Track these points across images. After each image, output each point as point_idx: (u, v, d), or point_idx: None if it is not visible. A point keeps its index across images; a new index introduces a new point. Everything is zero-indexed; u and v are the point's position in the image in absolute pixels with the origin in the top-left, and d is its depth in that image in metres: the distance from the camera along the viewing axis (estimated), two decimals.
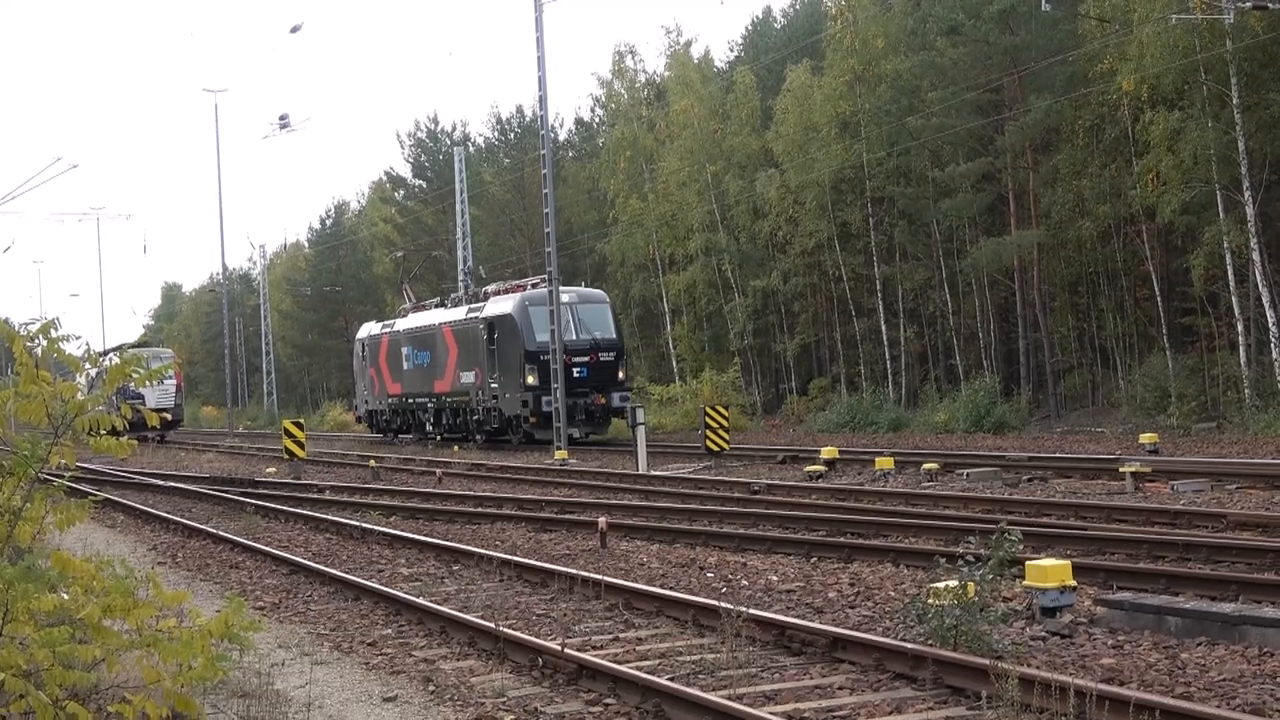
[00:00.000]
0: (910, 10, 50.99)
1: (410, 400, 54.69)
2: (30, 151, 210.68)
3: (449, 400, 50.71)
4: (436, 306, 55.37)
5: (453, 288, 62.97)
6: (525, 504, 25.07)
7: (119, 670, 5.98)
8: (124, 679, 6.04)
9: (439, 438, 51.55)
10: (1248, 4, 36.59)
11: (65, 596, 6.00)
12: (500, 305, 46.80)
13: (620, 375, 46.34)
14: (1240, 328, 39.40)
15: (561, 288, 45.94)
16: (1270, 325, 38.40)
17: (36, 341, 6.62)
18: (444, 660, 12.20)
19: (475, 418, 48.62)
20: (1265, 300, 38.48)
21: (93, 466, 35.73)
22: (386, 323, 59.94)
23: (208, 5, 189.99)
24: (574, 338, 44.61)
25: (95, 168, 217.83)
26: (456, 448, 48.87)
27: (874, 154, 50.81)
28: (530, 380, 43.96)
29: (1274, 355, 38.34)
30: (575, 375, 43.72)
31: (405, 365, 54.82)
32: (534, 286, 46.64)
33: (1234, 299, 39.50)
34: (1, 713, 5.68)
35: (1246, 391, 38.59)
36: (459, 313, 50.38)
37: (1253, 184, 38.31)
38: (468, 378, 48.39)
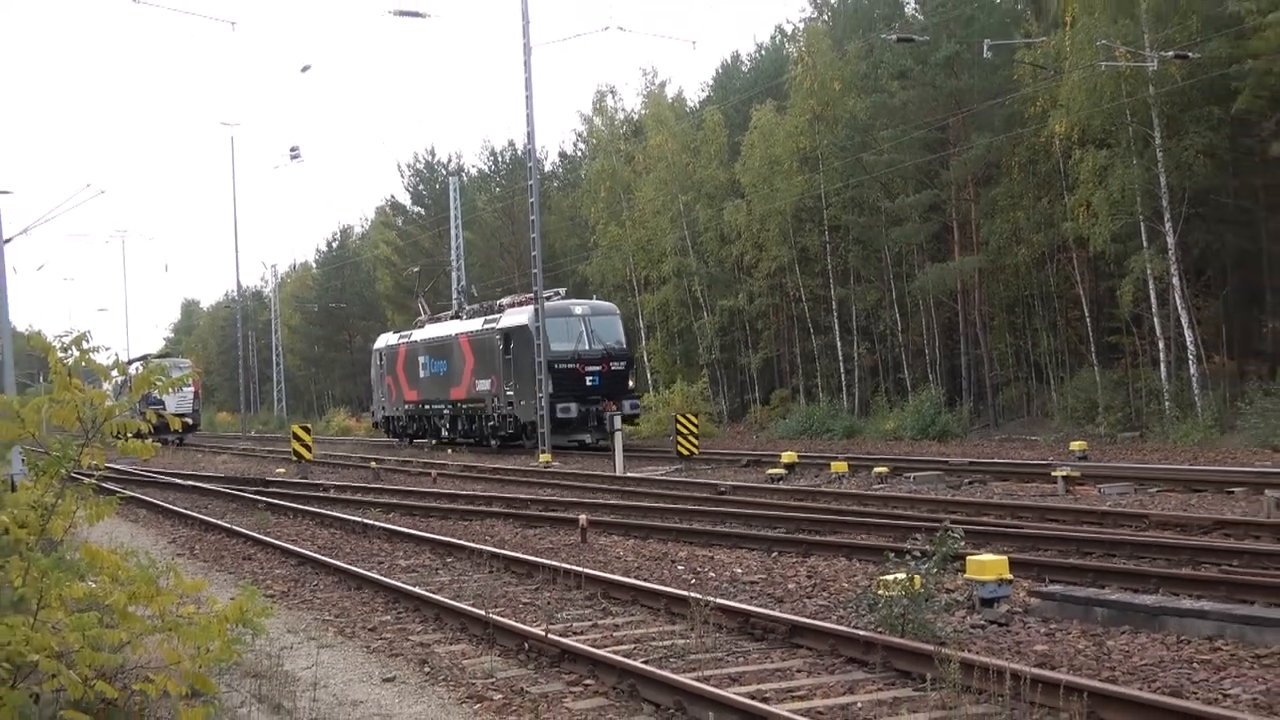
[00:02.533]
0: (864, 56, 51.13)
1: (426, 406, 53.33)
2: (63, 178, 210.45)
3: (464, 407, 49.46)
4: (452, 318, 54.08)
5: (447, 304, 62.72)
6: (512, 503, 25.04)
7: (143, 652, 5.97)
8: (147, 660, 6.03)
9: (455, 442, 50.37)
10: (1169, 54, 36.84)
11: (94, 585, 6.00)
12: (516, 317, 45.16)
13: (630, 383, 44.99)
14: (1161, 346, 39.55)
15: (574, 300, 45.94)
16: (1188, 344, 38.55)
17: (69, 352, 6.61)
18: (438, 644, 12.19)
19: (490, 423, 46.97)
20: (1184, 321, 38.65)
21: (119, 466, 35.59)
22: (403, 333, 58.51)
23: (225, 47, 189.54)
24: (587, 348, 43.32)
25: (122, 194, 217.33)
26: (450, 451, 48.62)
27: (831, 186, 50.91)
28: (546, 388, 42.38)
29: (1191, 371, 38.48)
30: (588, 384, 42.57)
31: (422, 373, 53.42)
32: (547, 300, 45.28)
33: (1156, 320, 39.65)
34: (36, 690, 5.66)
35: (1167, 404, 38.73)
36: (475, 324, 48.95)
37: (1173, 217, 38.49)
38: (483, 385, 47.12)
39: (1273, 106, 37.23)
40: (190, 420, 67.78)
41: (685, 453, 37.08)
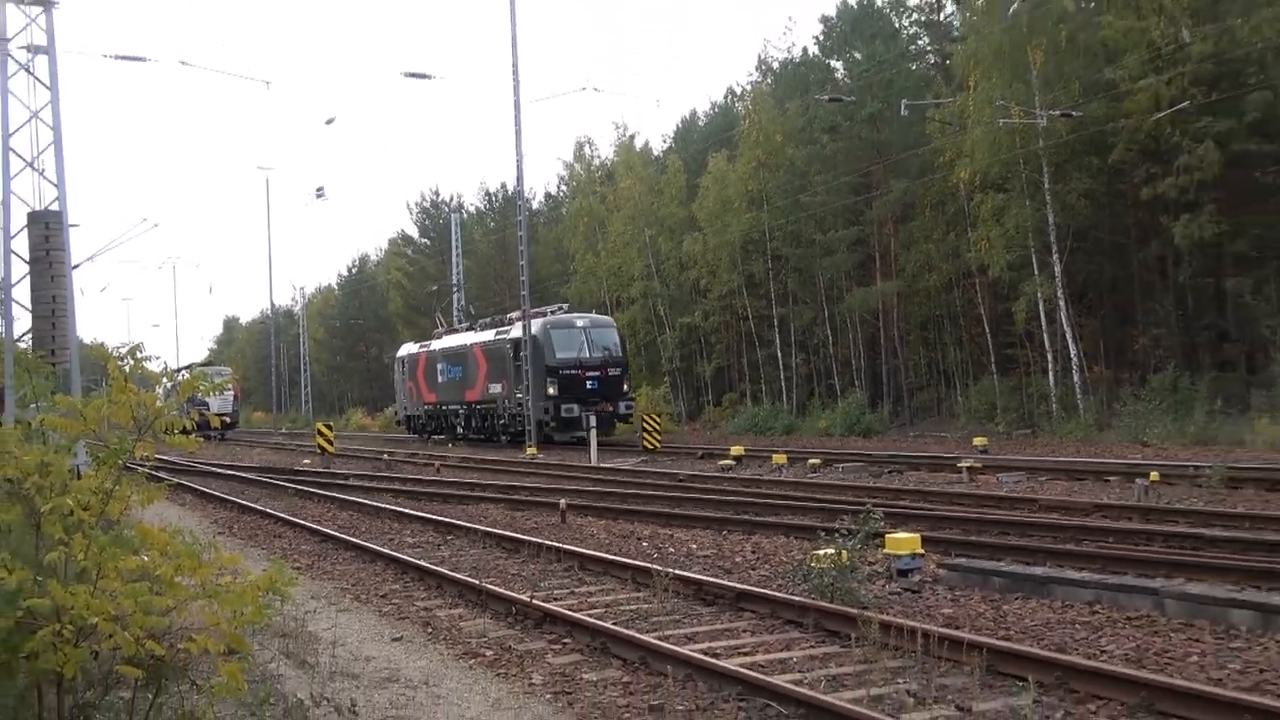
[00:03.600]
0: (801, 113, 51.22)
1: (444, 407, 52.16)
2: (123, 214, 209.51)
3: (478, 407, 48.15)
4: (467, 330, 52.93)
5: (450, 322, 62.53)
6: (503, 489, 25.02)
7: (187, 616, 5.94)
8: (190, 622, 6.00)
9: (468, 438, 49.61)
10: (1056, 113, 37.07)
11: (145, 558, 5.96)
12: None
13: (625, 387, 43.70)
14: (1050, 357, 39.73)
15: (577, 314, 45.19)
16: (1072, 356, 38.75)
17: (125, 361, 6.58)
18: (439, 609, 12.18)
19: (501, 422, 45.60)
20: (1068, 337, 38.85)
21: (168, 458, 35.33)
22: (423, 344, 57.25)
23: (261, 102, 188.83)
24: (588, 355, 42.37)
25: (173, 227, 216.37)
26: (451, 445, 48.59)
27: (774, 222, 50.95)
28: (551, 391, 41.56)
29: (1075, 379, 38.70)
30: (589, 387, 41.61)
31: (440, 378, 52.18)
32: (553, 313, 44.85)
33: (1045, 335, 39.84)
34: (96, 648, 5.62)
35: (1054, 406, 38.95)
36: (488, 335, 47.75)
37: (1059, 249, 38.69)
38: (495, 388, 45.91)
39: (1142, 157, 37.52)
40: (230, 419, 67.43)
41: (650, 447, 37.09)
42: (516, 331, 43.75)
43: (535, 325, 42.78)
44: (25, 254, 21.61)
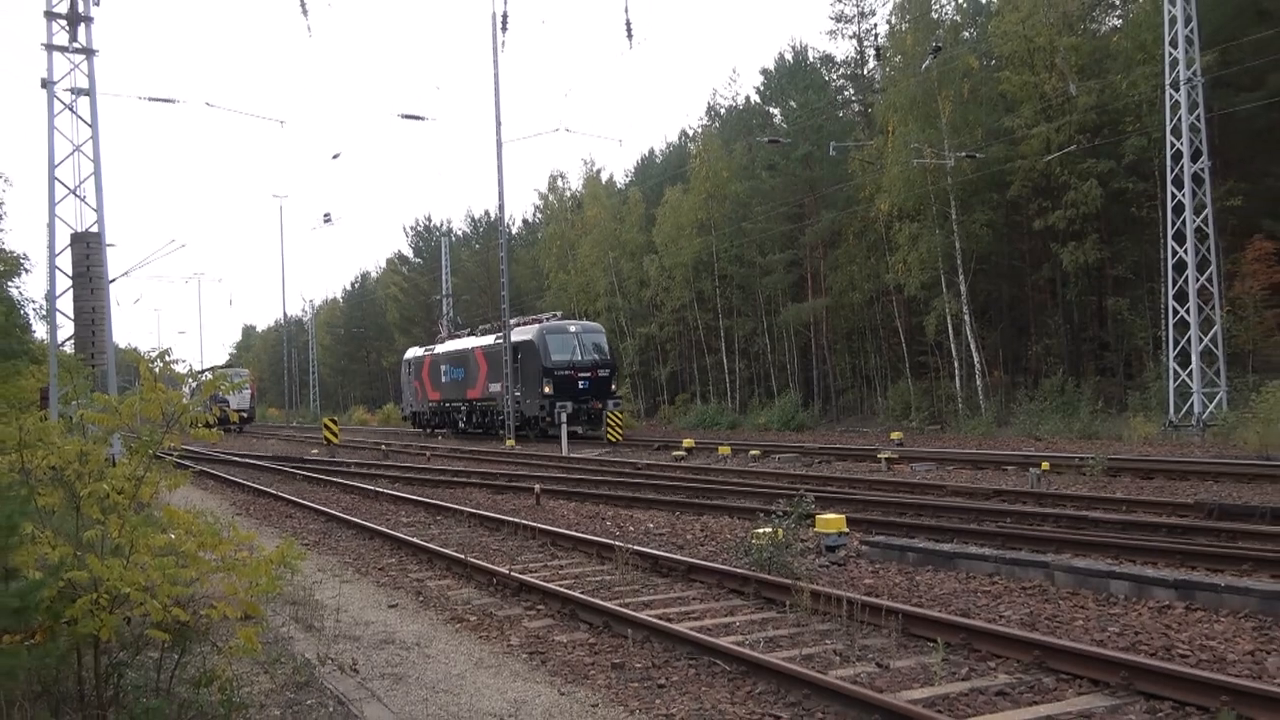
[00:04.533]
0: (744, 152, 51.38)
1: (447, 404, 50.53)
2: (154, 234, 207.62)
3: (479, 404, 46.42)
4: (468, 335, 51.06)
5: (436, 330, 62.19)
6: (486, 475, 24.89)
7: (208, 586, 5.90)
8: (211, 592, 5.95)
9: (468, 432, 48.09)
10: (962, 154, 37.38)
11: (172, 536, 5.92)
12: (523, 333, 42.13)
13: (613, 387, 41.70)
14: (956, 364, 39.99)
15: (571, 321, 44.04)
16: (975, 363, 39.00)
17: (155, 363, 6.53)
18: (430, 580, 12.12)
19: (500, 417, 43.31)
20: (972, 346, 39.12)
21: (192, 449, 35.08)
22: (428, 347, 55.60)
23: (276, 139, 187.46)
24: (580, 358, 40.50)
25: (198, 246, 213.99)
26: (440, 437, 48.17)
27: (720, 246, 51.01)
28: (547, 390, 39.88)
29: (977, 382, 38.95)
30: (580, 387, 39.82)
31: (443, 378, 50.53)
32: (547, 320, 43.51)
33: (952, 345, 40.08)
34: (128, 614, 5.56)
35: (959, 405, 39.20)
36: (488, 340, 45.72)
37: (964, 271, 38.95)
38: (495, 387, 44.02)
39: (1035, 193, 37.89)
40: (247, 414, 66.86)
41: (613, 439, 37.04)
42: (515, 337, 42.71)
43: (532, 330, 41.86)
44: (68, 270, 21.40)
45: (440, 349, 52.39)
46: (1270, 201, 35.94)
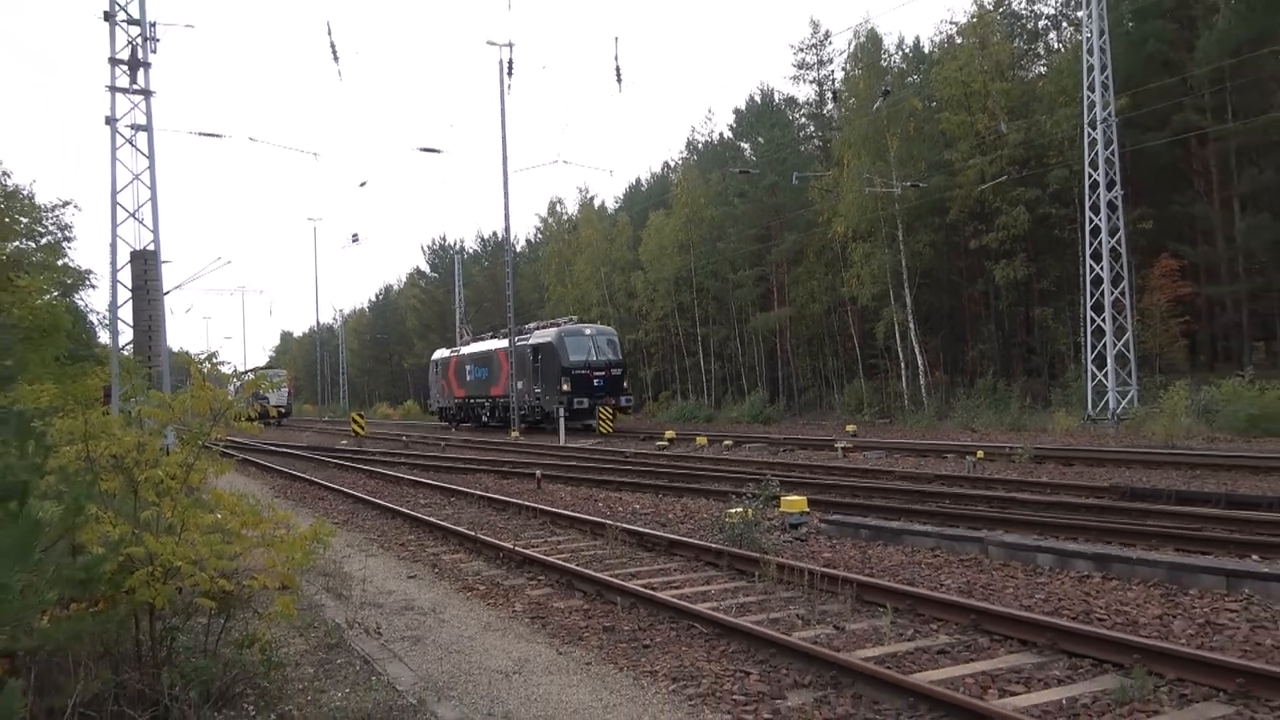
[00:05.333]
0: (719, 182, 51.38)
1: (471, 400, 48.95)
2: (203, 252, 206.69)
3: (501, 400, 44.54)
4: (491, 338, 48.98)
5: (453, 337, 62.02)
6: (493, 463, 24.82)
7: (250, 560, 5.87)
8: (253, 565, 5.92)
9: (490, 425, 46.49)
10: (907, 184, 37.49)
11: (218, 516, 5.90)
12: (543, 336, 40.70)
13: (625, 385, 40.26)
14: (903, 365, 40.09)
15: (586, 324, 42.82)
16: (919, 365, 39.13)
17: (204, 365, 6.51)
18: (444, 554, 12.08)
19: (522, 412, 41.50)
20: (916, 350, 39.22)
21: (236, 439, 34.85)
22: (454, 349, 54.05)
23: (311, 169, 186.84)
24: (595, 358, 39.03)
25: (243, 262, 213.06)
26: (454, 430, 47.88)
27: (698, 263, 51.06)
28: (565, 387, 38.38)
29: (921, 381, 39.07)
30: (595, 385, 38.41)
31: (468, 377, 48.47)
32: (565, 324, 42.02)
33: (899, 349, 40.18)
34: (180, 585, 5.53)
35: (906, 401, 39.30)
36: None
37: (910, 285, 39.07)
38: (518, 385, 41.93)
39: (971, 217, 38.00)
40: (285, 410, 66.61)
41: (604, 431, 36.97)
42: (535, 338, 41.30)
43: (551, 333, 40.40)
44: (128, 283, 21.30)
45: (465, 350, 51.37)
46: (1174, 225, 36.22)
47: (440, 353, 56.35)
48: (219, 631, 6.31)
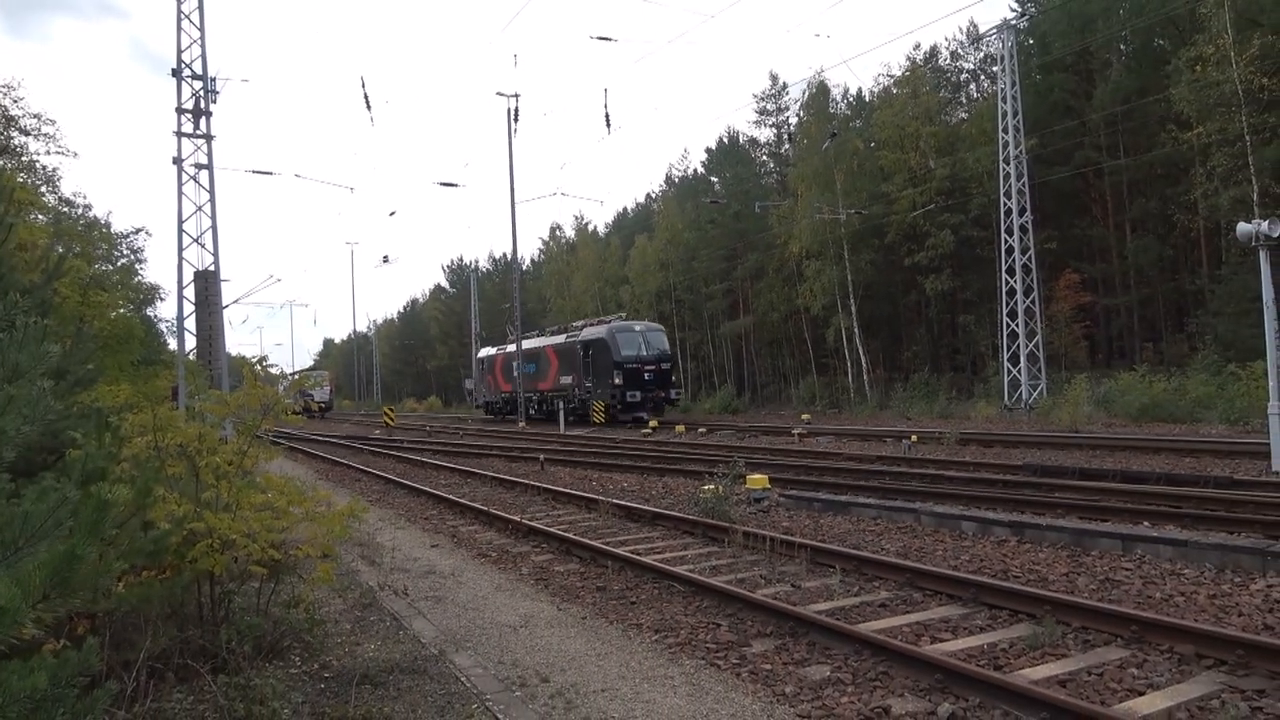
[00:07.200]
0: (693, 210, 51.46)
1: (517, 395, 42.52)
2: (257, 270, 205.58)
3: (549, 395, 39.93)
4: (538, 335, 44.42)
5: (470, 343, 61.73)
6: (503, 448, 24.71)
7: (295, 533, 5.83)
8: (298, 537, 5.88)
9: (534, 418, 41.47)
10: (852, 211, 37.53)
11: (269, 495, 5.85)
12: (594, 332, 36.58)
13: (673, 378, 36.39)
14: (849, 364, 40.17)
15: (636, 321, 39.24)
16: (863, 364, 39.21)
17: (257, 368, 6.48)
18: (462, 526, 12.02)
19: (571, 405, 37.26)
20: (861, 352, 39.31)
21: (284, 430, 34.60)
22: (499, 347, 48.65)
23: (347, 200, 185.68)
24: (645, 353, 35.02)
25: (291, 279, 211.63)
26: (470, 421, 46.37)
27: (676, 280, 51.14)
28: (618, 381, 34.40)
29: (865, 377, 39.14)
30: (646, 379, 34.42)
31: (514, 373, 41.58)
32: (614, 321, 37.84)
33: (846, 351, 40.25)
34: (235, 555, 5.48)
35: (852, 394, 39.35)
36: (559, 339, 40.13)
37: (854, 296, 39.17)
38: (566, 380, 38.23)
39: (905, 239, 38.10)
40: (327, 405, 66.03)
41: (598, 422, 36.85)
42: (585, 334, 37.35)
43: (603, 329, 36.32)
44: (192, 298, 21.14)
45: (510, 348, 45.75)
46: (1076, 245, 36.45)
47: (486, 350, 51.34)
48: (269, 594, 6.26)
